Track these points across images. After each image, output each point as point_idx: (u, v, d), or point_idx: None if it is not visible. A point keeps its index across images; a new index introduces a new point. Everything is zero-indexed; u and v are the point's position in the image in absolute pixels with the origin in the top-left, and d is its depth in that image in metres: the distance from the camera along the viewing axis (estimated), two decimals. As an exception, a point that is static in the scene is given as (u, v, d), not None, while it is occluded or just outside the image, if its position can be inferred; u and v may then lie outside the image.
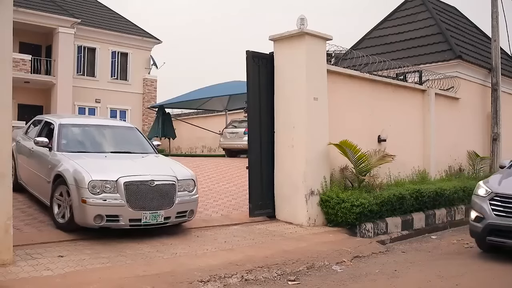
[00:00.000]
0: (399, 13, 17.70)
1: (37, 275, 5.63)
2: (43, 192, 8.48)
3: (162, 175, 7.91)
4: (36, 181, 8.91)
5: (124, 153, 9.09)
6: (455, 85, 14.02)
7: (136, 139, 9.77)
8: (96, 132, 9.42)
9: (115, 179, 7.36)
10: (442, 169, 13.29)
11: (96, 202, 7.19)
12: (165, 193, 7.72)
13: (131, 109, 32.59)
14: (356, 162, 9.71)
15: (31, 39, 28.60)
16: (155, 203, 7.57)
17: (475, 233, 7.97)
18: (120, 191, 7.32)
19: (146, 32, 33.94)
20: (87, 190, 7.19)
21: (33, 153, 9.18)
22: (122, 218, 7.32)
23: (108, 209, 7.25)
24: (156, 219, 7.57)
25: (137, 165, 8.45)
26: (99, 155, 8.58)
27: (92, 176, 7.29)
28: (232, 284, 5.98)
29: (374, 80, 11.37)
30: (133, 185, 7.44)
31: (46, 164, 8.39)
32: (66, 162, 7.84)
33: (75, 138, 9.03)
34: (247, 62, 9.50)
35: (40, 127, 9.75)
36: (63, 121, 9.22)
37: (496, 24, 15.32)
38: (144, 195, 7.49)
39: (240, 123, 20.85)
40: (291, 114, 9.51)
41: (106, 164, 8.04)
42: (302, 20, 9.37)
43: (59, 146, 8.54)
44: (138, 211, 7.38)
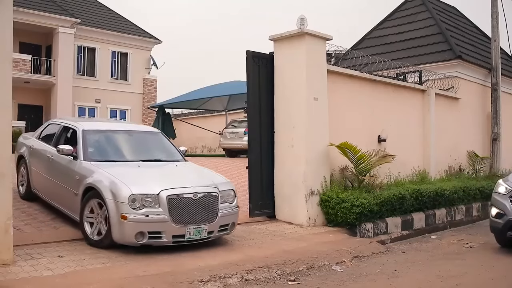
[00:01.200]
0: (399, 13, 17.70)
1: (37, 275, 5.63)
2: (68, 205, 7.77)
3: (204, 186, 7.38)
4: (59, 192, 8.13)
5: (155, 161, 8.46)
6: (455, 85, 14.02)
7: (163, 145, 9.13)
8: (122, 138, 8.77)
9: (156, 193, 6.79)
10: (442, 169, 13.30)
11: (138, 218, 6.60)
12: (208, 206, 7.18)
13: (131, 109, 32.60)
14: (356, 162, 9.71)
15: (31, 39, 28.61)
16: (198, 217, 7.03)
17: (496, 228, 8.48)
18: (163, 205, 6.75)
19: (146, 32, 33.95)
20: (127, 205, 6.61)
21: (54, 162, 8.39)
22: (165, 235, 6.76)
23: (150, 225, 6.68)
24: (200, 234, 7.04)
25: (175, 175, 7.90)
26: (131, 164, 7.94)
27: (132, 190, 6.70)
28: (232, 284, 5.98)
29: (374, 80, 11.37)
30: (176, 198, 6.87)
31: (72, 175, 7.68)
32: (99, 174, 7.20)
33: (101, 145, 8.35)
34: (247, 62, 9.50)
35: (58, 133, 8.97)
36: (86, 126, 8.48)
37: (496, 24, 15.32)
38: (188, 209, 6.94)
39: (240, 123, 20.84)
40: (291, 114, 9.51)
41: (143, 175, 7.50)
42: (302, 20, 9.37)
43: (85, 155, 7.80)
44: (182, 226, 6.85)
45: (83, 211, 7.17)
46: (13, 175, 7.44)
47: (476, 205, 12.16)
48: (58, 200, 8.25)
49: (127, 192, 6.67)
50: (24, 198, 9.49)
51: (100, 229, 6.99)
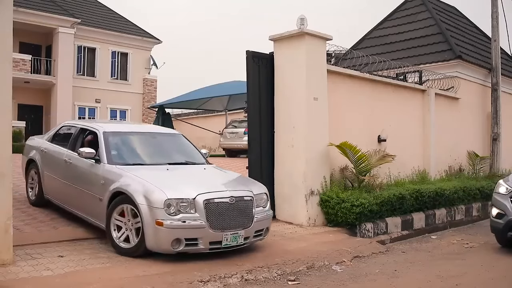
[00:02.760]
0: (399, 13, 17.70)
1: (37, 275, 5.63)
2: (90, 211, 7.41)
3: (239, 190, 7.08)
4: (78, 198, 7.71)
5: (182, 164, 8.14)
6: (455, 85, 14.02)
7: (186, 147, 8.81)
8: (144, 141, 8.49)
9: (193, 197, 6.48)
10: (442, 169, 13.30)
11: (175, 224, 6.28)
12: (244, 211, 6.87)
13: (131, 109, 32.62)
14: (356, 162, 9.71)
15: (31, 39, 28.63)
16: (235, 223, 6.72)
17: (496, 229, 8.53)
18: (199, 210, 6.44)
19: (146, 32, 33.96)
20: (163, 210, 6.29)
21: (72, 166, 7.97)
22: (202, 241, 6.46)
23: (187, 232, 6.37)
24: (237, 240, 6.74)
25: (206, 178, 7.66)
26: (159, 167, 7.63)
27: (168, 194, 6.39)
28: (232, 284, 5.98)
29: (374, 80, 11.37)
30: (213, 203, 6.56)
31: (95, 179, 7.33)
32: (128, 177, 6.88)
33: (124, 148, 8.01)
34: (247, 62, 9.50)
35: (74, 135, 8.55)
36: (106, 128, 8.07)
37: (496, 24, 15.31)
38: (224, 214, 6.63)
39: (240, 123, 20.85)
40: (291, 114, 9.51)
41: (174, 179, 7.25)
42: (302, 20, 9.37)
43: (109, 158, 7.44)
44: (219, 232, 6.53)
45: (110, 218, 6.81)
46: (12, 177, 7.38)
47: (476, 205, 12.16)
48: (77, 206, 7.82)
49: (162, 197, 6.35)
50: (35, 204, 9.08)
51: (128, 236, 6.69)
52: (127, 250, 6.63)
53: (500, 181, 9.00)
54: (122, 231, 6.76)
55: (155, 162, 7.84)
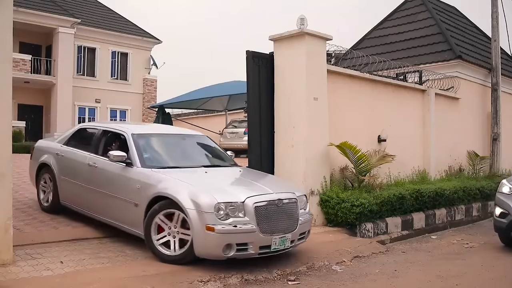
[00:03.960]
0: (399, 13, 17.69)
1: (37, 275, 5.64)
2: (122, 217, 7.11)
3: (284, 192, 6.86)
4: (106, 203, 7.36)
5: (216, 167, 7.95)
6: (455, 85, 14.02)
7: (213, 148, 8.64)
8: (173, 143, 8.26)
9: (242, 200, 6.25)
10: (442, 169, 13.29)
11: (226, 229, 6.03)
12: (290, 213, 6.68)
13: (131, 109, 32.66)
14: (356, 162, 9.71)
15: (31, 39, 28.67)
16: (282, 226, 6.52)
17: (500, 228, 8.66)
18: (249, 214, 6.21)
19: (146, 32, 33.98)
20: (213, 215, 6.04)
21: (99, 170, 7.61)
22: (252, 246, 6.21)
23: (238, 237, 6.13)
24: (284, 243, 6.52)
25: (248, 181, 7.42)
26: (196, 170, 7.40)
27: (217, 198, 6.13)
28: (232, 284, 5.98)
29: (374, 80, 11.37)
30: (262, 206, 6.34)
31: (128, 184, 7.00)
32: (169, 181, 6.62)
33: (155, 150, 7.75)
34: (247, 62, 9.49)
35: (96, 138, 8.20)
36: (134, 130, 7.79)
37: (496, 24, 15.31)
38: (273, 217, 6.42)
39: (240, 123, 20.87)
40: (291, 114, 9.51)
41: (218, 182, 7.02)
42: (302, 20, 9.37)
43: (142, 161, 7.13)
44: (268, 236, 6.31)
45: (150, 224, 6.49)
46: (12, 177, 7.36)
47: (476, 205, 12.16)
48: (104, 213, 7.48)
49: (212, 201, 6.10)
50: (49, 210, 8.64)
51: (170, 243, 6.43)
52: (172, 258, 6.36)
53: (504, 180, 9.08)
54: (164, 238, 6.47)
55: (189, 165, 7.59)
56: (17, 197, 9.48)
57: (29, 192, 10.18)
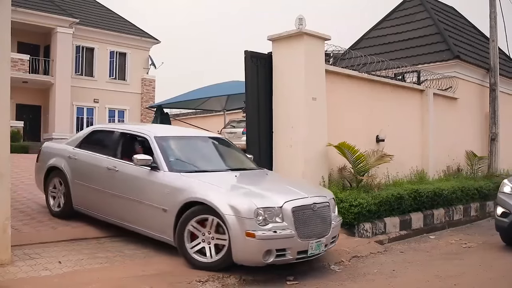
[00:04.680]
0: (397, 13, 17.70)
1: (35, 275, 5.64)
2: (149, 222, 6.88)
3: (317, 196, 6.77)
4: (130, 208, 7.14)
5: (242, 170, 7.75)
6: (453, 85, 14.03)
7: (234, 151, 8.46)
8: (197, 146, 8.12)
9: (280, 205, 6.13)
10: (441, 169, 13.30)
11: (267, 235, 5.90)
12: (324, 217, 6.62)
13: (130, 109, 32.65)
14: (355, 162, 9.71)
15: (29, 39, 28.64)
16: (318, 230, 6.47)
17: (501, 227, 8.73)
18: (287, 219, 6.11)
19: (145, 32, 33.97)
20: (253, 220, 5.91)
21: (119, 174, 7.36)
22: (290, 251, 6.12)
23: (278, 242, 6.03)
24: (319, 248, 6.47)
25: (280, 184, 7.38)
26: (225, 174, 7.28)
27: (256, 203, 6.01)
28: (230, 284, 5.98)
29: (372, 80, 11.38)
30: (300, 210, 6.26)
31: (155, 188, 6.81)
32: (202, 186, 6.46)
33: (180, 153, 7.53)
34: (245, 62, 9.49)
35: (114, 141, 7.95)
36: (157, 133, 7.59)
37: (495, 24, 15.33)
38: (309, 222, 6.35)
39: (239, 123, 20.82)
40: (289, 114, 9.51)
41: (251, 186, 6.84)
42: (300, 20, 9.37)
43: (169, 165, 6.92)
44: (306, 241, 6.24)
45: (183, 230, 6.30)
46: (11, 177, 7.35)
47: (474, 205, 12.16)
48: (128, 218, 7.24)
49: (251, 206, 5.97)
50: (60, 216, 8.33)
51: (205, 249, 6.25)
52: (209, 264, 6.19)
53: (505, 180, 9.16)
54: (198, 245, 6.29)
55: (215, 168, 7.41)
56: (15, 197, 9.47)
57: (27, 192, 10.17)
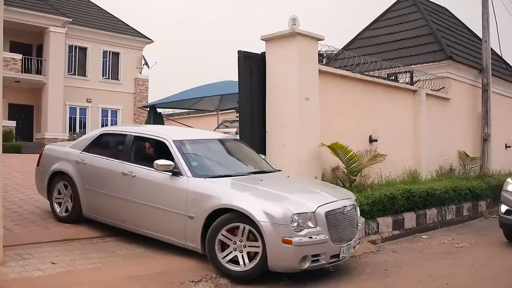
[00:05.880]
0: (390, 14, 17.73)
1: (27, 276, 5.62)
2: (172, 229, 6.72)
3: (344, 198, 6.78)
4: (150, 215, 6.95)
5: (263, 173, 7.60)
6: (446, 86, 14.07)
7: (250, 153, 8.29)
8: (213, 148, 7.98)
9: (313, 210, 6.08)
10: (433, 169, 13.34)
11: (303, 241, 5.85)
12: (352, 220, 6.62)
13: (123, 109, 32.59)
14: (348, 162, 9.73)
15: (22, 38, 28.51)
16: (348, 233, 6.47)
17: (505, 224, 9.07)
18: (321, 224, 6.07)
19: (138, 32, 33.92)
20: (290, 227, 5.83)
21: (136, 180, 7.15)
22: (324, 256, 6.07)
23: (314, 248, 5.97)
24: (349, 251, 6.47)
25: (306, 188, 7.29)
26: (249, 178, 7.10)
27: (292, 209, 5.93)
28: (223, 284, 5.98)
29: (365, 81, 11.39)
30: (332, 214, 6.24)
31: (179, 194, 6.63)
32: (230, 192, 6.43)
33: (200, 158, 7.37)
34: (238, 62, 9.48)
35: (128, 145, 7.64)
36: (175, 136, 7.34)
37: (487, 25, 15.40)
38: (340, 225, 6.33)
39: (232, 123, 20.83)
40: (282, 114, 9.50)
41: (280, 191, 6.68)
42: (294, 20, 9.37)
43: (192, 170, 6.75)
44: (338, 245, 6.22)
45: (213, 239, 6.13)
46: (3, 177, 7.32)
47: (467, 205, 12.21)
48: (147, 225, 7.05)
49: (287, 212, 5.88)
50: (66, 221, 8.10)
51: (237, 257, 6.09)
52: (243, 273, 6.04)
53: (508, 179, 9.51)
54: (230, 254, 6.12)
55: (237, 172, 7.29)
56: (7, 197, 9.42)
57: (19, 192, 10.14)
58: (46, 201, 8.68)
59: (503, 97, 17.44)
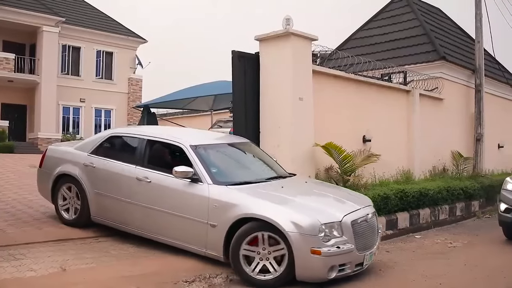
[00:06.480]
0: (384, 14, 17.76)
1: (20, 276, 5.59)
2: (191, 238, 6.56)
3: (366, 206, 6.78)
4: (167, 222, 6.78)
5: (281, 178, 7.44)
6: (439, 86, 14.12)
7: (264, 156, 8.15)
8: (229, 153, 7.89)
9: (340, 219, 6.01)
10: (426, 169, 13.37)
11: (332, 251, 5.79)
12: (374, 227, 6.64)
13: (116, 108, 32.51)
14: (341, 162, 9.74)
15: (15, 37, 28.44)
16: (371, 241, 6.47)
17: (505, 222, 9.23)
18: (347, 233, 6.01)
19: (132, 32, 33.84)
20: (318, 237, 5.76)
21: (152, 186, 6.94)
22: (350, 265, 6.04)
23: (341, 258, 5.92)
24: (371, 258, 6.48)
25: (328, 195, 7.16)
26: (270, 184, 6.98)
27: (320, 219, 5.86)
28: (217, 284, 5.97)
29: (359, 81, 11.41)
30: (357, 223, 6.19)
31: (199, 202, 6.46)
32: (255, 201, 6.23)
33: (218, 163, 7.19)
34: (232, 62, 9.48)
35: (140, 148, 7.39)
36: (192, 141, 7.12)
37: (480, 25, 15.46)
38: (364, 233, 6.30)
39: (226, 123, 20.81)
40: (276, 114, 9.51)
41: (304, 199, 6.69)
42: (287, 20, 9.38)
43: (212, 177, 6.57)
44: (362, 253, 6.19)
45: (238, 248, 5.99)
46: None
47: (460, 204, 12.25)
48: (164, 232, 6.87)
49: (315, 222, 5.81)
50: (74, 225, 7.86)
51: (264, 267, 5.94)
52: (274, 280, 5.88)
53: (507, 178, 9.67)
54: (256, 264, 5.97)
55: (256, 178, 7.13)
56: (0, 197, 9.39)
57: (12, 192, 10.10)
58: (39, 201, 8.66)
59: (496, 98, 17.52)
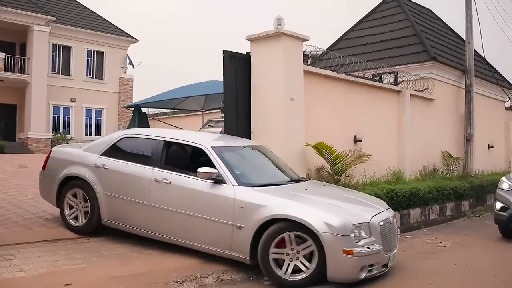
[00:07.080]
0: (375, 15, 17.81)
1: (9, 277, 5.56)
2: (215, 240, 6.50)
3: (386, 208, 6.92)
4: (189, 225, 6.68)
5: (300, 181, 7.55)
6: (430, 86, 14.18)
7: (279, 159, 8.16)
8: (249, 155, 7.93)
9: (368, 220, 6.13)
10: (417, 169, 13.43)
11: (363, 252, 5.88)
12: (395, 229, 6.79)
13: (107, 108, 32.42)
14: (332, 162, 9.76)
15: (4, 36, 28.27)
16: (394, 242, 6.61)
17: (500, 221, 9.49)
18: (375, 234, 6.12)
19: (123, 31, 33.75)
20: (350, 238, 5.84)
21: (173, 188, 6.85)
22: (377, 266, 6.15)
23: (371, 258, 6.01)
24: (394, 260, 6.62)
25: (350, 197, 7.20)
26: (294, 187, 7.05)
27: (351, 220, 5.95)
28: (208, 284, 5.98)
29: (350, 81, 11.44)
30: (384, 224, 6.32)
31: (223, 203, 6.42)
32: (285, 202, 6.27)
33: (240, 165, 7.15)
34: (223, 62, 9.46)
35: (157, 150, 7.26)
36: (213, 143, 7.19)
37: (470, 26, 15.52)
38: (389, 235, 6.43)
39: (217, 123, 20.82)
40: (267, 114, 9.51)
41: (330, 201, 6.68)
42: (279, 20, 9.38)
43: (237, 178, 6.57)
44: (387, 254, 6.31)
45: (267, 251, 5.99)
46: None
47: (450, 204, 12.30)
48: (185, 235, 6.75)
49: (348, 223, 5.89)
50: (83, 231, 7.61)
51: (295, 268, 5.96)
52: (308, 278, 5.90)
53: (503, 178, 9.96)
54: (287, 266, 5.98)
55: (281, 181, 7.24)
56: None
57: (1, 192, 10.05)
58: (29, 201, 8.62)
59: (486, 98, 17.63)
